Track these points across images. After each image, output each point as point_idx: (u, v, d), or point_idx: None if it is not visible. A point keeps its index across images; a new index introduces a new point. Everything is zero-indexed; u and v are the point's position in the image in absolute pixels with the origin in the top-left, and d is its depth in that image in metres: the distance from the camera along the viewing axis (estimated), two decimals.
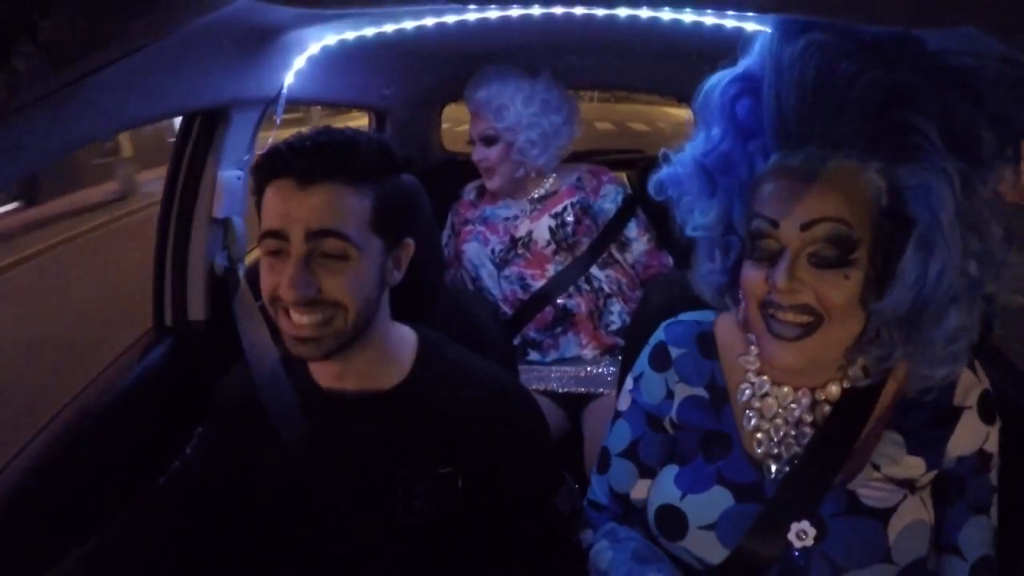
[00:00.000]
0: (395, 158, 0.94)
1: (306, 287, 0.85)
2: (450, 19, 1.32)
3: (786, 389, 0.90)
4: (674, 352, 0.98)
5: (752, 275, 0.83)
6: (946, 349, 0.78)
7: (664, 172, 0.95)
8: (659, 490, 0.94)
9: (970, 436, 0.87)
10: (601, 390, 1.79)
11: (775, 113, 0.82)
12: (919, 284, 0.75)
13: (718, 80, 0.88)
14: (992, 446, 0.88)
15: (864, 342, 0.84)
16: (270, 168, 0.88)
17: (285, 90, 1.37)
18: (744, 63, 0.87)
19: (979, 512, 0.88)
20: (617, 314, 1.85)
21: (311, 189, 0.85)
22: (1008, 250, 0.77)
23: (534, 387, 1.77)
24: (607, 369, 1.81)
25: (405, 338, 1.02)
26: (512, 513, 1.00)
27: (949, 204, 0.73)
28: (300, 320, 0.87)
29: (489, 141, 1.82)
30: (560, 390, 1.80)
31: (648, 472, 0.98)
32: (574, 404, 1.82)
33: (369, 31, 1.34)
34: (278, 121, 1.42)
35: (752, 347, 0.93)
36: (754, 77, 0.85)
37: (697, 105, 0.90)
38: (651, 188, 0.96)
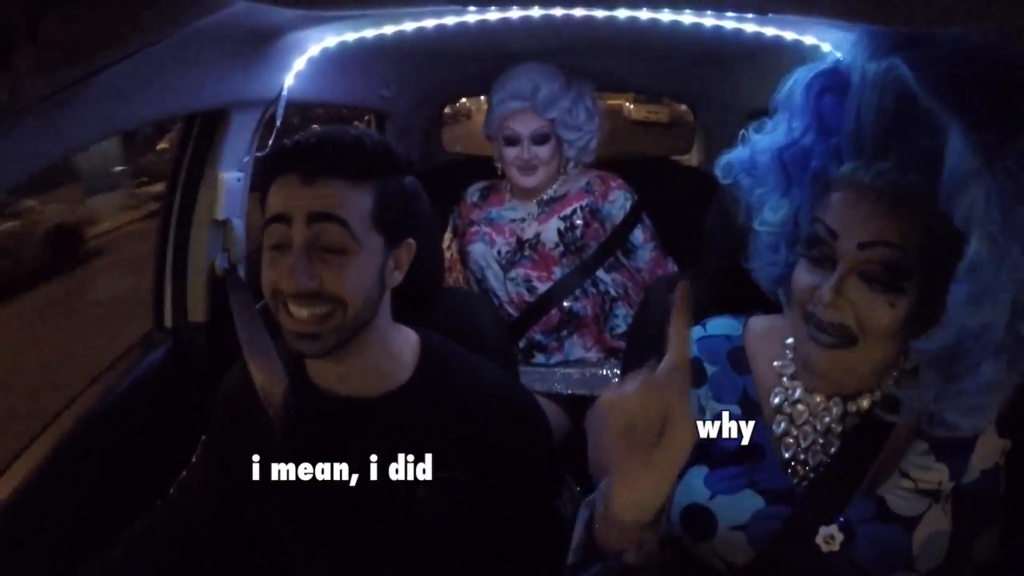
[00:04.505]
0: (398, 158, 0.95)
1: (308, 278, 0.86)
2: (449, 20, 1.32)
3: (818, 398, 0.89)
4: (709, 369, 0.96)
5: (803, 279, 0.81)
6: (976, 400, 0.75)
7: (737, 153, 0.90)
8: (686, 490, 0.93)
9: (991, 450, 0.87)
10: None
11: (853, 123, 0.79)
12: (963, 331, 0.72)
13: (806, 72, 0.85)
14: (1002, 458, 0.88)
15: (900, 372, 0.82)
16: (275, 166, 0.90)
17: (285, 91, 1.37)
18: (833, 59, 0.84)
19: (991, 523, 0.89)
20: (622, 318, 1.85)
21: (314, 184, 0.87)
22: None
23: (538, 389, 1.76)
24: (611, 372, 1.80)
25: (407, 340, 1.02)
26: (513, 515, 1.00)
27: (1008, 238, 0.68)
28: (300, 314, 0.88)
29: (542, 139, 1.79)
30: (564, 392, 1.79)
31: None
32: (578, 407, 1.81)
33: (369, 33, 1.34)
34: (278, 123, 1.42)
35: (788, 352, 0.92)
36: (841, 75, 0.82)
37: (780, 96, 0.87)
38: (719, 170, 0.91)
